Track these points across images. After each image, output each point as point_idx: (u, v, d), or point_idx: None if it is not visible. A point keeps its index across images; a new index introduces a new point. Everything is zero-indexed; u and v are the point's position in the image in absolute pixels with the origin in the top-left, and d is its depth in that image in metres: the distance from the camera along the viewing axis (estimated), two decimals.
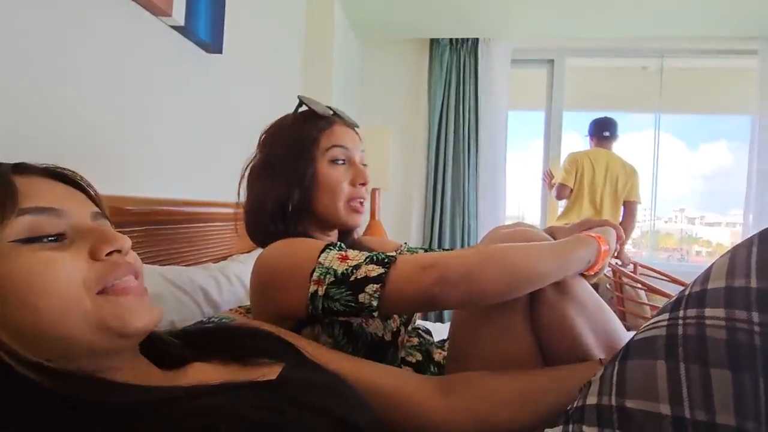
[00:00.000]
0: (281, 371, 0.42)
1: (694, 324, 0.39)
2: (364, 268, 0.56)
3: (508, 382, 0.54)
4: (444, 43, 2.73)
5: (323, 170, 0.71)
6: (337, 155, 0.72)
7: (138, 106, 0.90)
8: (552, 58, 2.85)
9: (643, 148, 2.89)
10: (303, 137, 0.71)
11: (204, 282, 0.82)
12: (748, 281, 0.38)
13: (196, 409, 0.33)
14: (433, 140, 2.74)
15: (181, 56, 1.05)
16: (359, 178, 0.73)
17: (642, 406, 0.39)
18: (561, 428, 0.45)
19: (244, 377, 0.39)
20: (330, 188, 0.71)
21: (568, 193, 2.51)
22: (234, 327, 0.50)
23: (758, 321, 0.36)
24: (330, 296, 0.56)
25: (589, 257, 0.61)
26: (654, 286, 1.91)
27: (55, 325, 0.31)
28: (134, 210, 0.80)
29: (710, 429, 0.36)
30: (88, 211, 0.39)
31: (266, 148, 0.73)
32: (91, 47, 0.77)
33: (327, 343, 0.64)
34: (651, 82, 2.95)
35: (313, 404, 0.37)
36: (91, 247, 0.35)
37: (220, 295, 0.83)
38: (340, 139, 0.73)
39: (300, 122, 0.73)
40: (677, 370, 0.38)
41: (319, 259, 0.58)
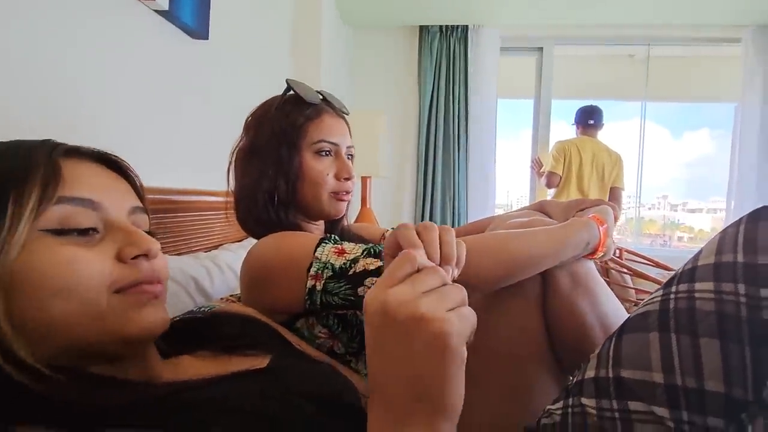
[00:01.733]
0: (270, 360, 0.42)
1: (685, 298, 0.41)
2: (362, 261, 0.56)
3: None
4: (434, 30, 2.71)
5: (308, 162, 0.69)
6: (323, 148, 0.70)
7: (121, 93, 0.88)
8: (541, 46, 2.85)
9: (628, 136, 2.93)
10: (289, 125, 0.69)
11: (195, 271, 0.81)
12: (735, 257, 0.40)
13: (189, 403, 0.32)
14: (423, 128, 2.73)
15: (166, 42, 1.02)
16: (344, 172, 0.71)
17: (637, 376, 0.41)
18: (562, 403, 0.47)
19: (234, 368, 0.39)
20: (314, 180, 0.69)
21: (557, 180, 2.55)
22: (221, 317, 0.50)
23: (744, 293, 0.38)
24: (329, 291, 0.56)
25: (589, 239, 0.62)
26: (638, 270, 1.97)
27: (67, 327, 0.31)
28: None
29: (700, 395, 0.38)
30: (128, 205, 0.38)
31: (252, 132, 0.71)
32: (71, 32, 0.74)
33: (322, 333, 0.64)
34: (637, 71, 2.98)
35: (304, 390, 0.38)
36: (119, 248, 0.34)
37: (212, 285, 0.83)
38: (327, 133, 0.70)
39: (287, 108, 0.70)
40: (669, 340, 0.40)
41: (315, 254, 0.57)
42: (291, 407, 0.35)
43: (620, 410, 0.42)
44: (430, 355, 0.28)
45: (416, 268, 0.32)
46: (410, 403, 0.29)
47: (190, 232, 1.02)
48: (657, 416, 0.40)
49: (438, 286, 0.31)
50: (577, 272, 0.62)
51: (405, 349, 0.29)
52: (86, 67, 0.78)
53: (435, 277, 0.31)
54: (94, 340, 0.32)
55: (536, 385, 0.62)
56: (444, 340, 0.28)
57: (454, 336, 0.28)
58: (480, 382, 0.63)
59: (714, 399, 0.38)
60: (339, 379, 0.45)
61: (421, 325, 0.28)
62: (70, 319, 0.31)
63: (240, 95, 1.36)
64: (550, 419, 0.48)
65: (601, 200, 0.72)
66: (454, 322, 0.29)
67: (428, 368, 0.28)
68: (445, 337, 0.28)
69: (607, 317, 0.61)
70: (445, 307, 0.29)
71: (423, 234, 0.39)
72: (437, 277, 0.32)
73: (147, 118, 0.96)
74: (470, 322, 0.31)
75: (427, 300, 0.29)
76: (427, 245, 0.38)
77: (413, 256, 0.32)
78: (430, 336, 0.28)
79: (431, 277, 0.31)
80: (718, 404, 0.38)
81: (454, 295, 0.31)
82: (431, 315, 0.28)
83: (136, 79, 0.91)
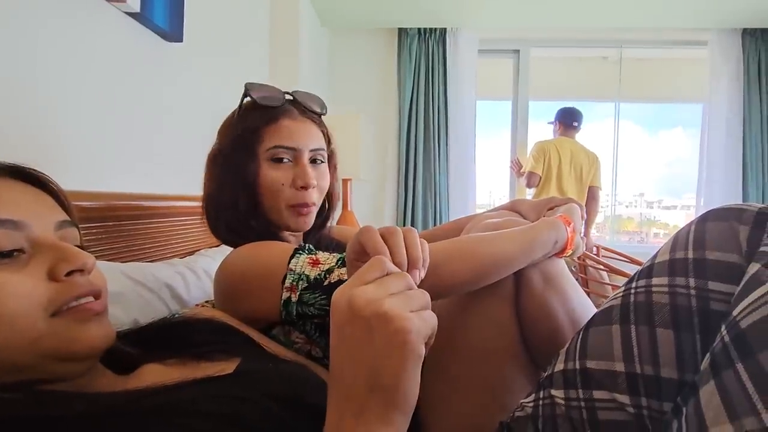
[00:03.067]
0: (238, 364, 0.42)
1: (643, 292, 0.45)
2: (336, 272, 0.56)
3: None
4: (412, 32, 2.73)
5: (264, 170, 0.66)
6: (280, 154, 0.66)
7: (92, 97, 0.86)
8: (517, 48, 2.90)
9: (603, 136, 3.00)
10: (246, 130, 0.66)
11: (169, 278, 0.79)
12: (686, 253, 0.44)
13: (147, 410, 0.32)
14: (403, 130, 2.75)
15: (138, 45, 1.00)
16: (299, 179, 0.66)
17: (601, 366, 0.44)
18: (533, 396, 0.50)
19: (200, 374, 0.39)
20: (270, 190, 0.66)
21: (537, 180, 2.59)
22: (189, 323, 0.49)
23: (694, 285, 0.42)
24: (304, 302, 0.56)
25: (557, 238, 0.63)
26: (615, 267, 2.02)
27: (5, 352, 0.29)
28: (90, 206, 0.76)
29: (656, 381, 0.41)
30: (54, 220, 0.36)
31: (218, 139, 0.70)
32: (39, 34, 0.72)
33: (299, 339, 0.64)
34: (611, 72, 3.06)
35: (272, 392, 0.38)
36: (50, 267, 0.32)
37: (187, 291, 0.81)
38: (286, 137, 0.66)
39: (247, 112, 0.68)
40: (629, 332, 0.44)
41: (289, 266, 0.57)
42: (254, 409, 0.35)
43: (585, 399, 0.44)
44: (390, 350, 0.29)
45: (385, 272, 0.33)
46: (367, 395, 0.30)
47: (165, 238, 1.00)
48: (619, 403, 0.42)
49: (404, 290, 0.32)
50: (549, 271, 0.63)
51: (366, 343, 0.30)
52: (49, 71, 0.76)
53: (401, 282, 0.33)
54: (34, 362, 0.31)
55: (511, 381, 0.63)
56: (403, 337, 0.29)
57: (413, 333, 0.29)
58: (456, 378, 0.64)
59: (669, 385, 0.41)
60: (310, 378, 0.45)
61: (383, 322, 0.29)
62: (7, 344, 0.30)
63: (216, 99, 1.35)
64: (523, 412, 0.50)
65: (570, 199, 0.73)
66: (414, 321, 0.30)
67: (386, 362, 0.29)
68: (404, 333, 0.29)
69: (577, 314, 0.63)
70: (408, 308, 0.30)
71: (388, 239, 0.39)
72: (404, 281, 0.33)
73: (119, 123, 0.94)
74: (430, 324, 0.32)
75: (391, 300, 0.30)
76: (393, 249, 0.38)
77: (383, 261, 0.33)
78: (390, 332, 0.29)
79: (398, 280, 0.33)
80: (673, 390, 0.41)
81: (417, 299, 0.32)
82: (394, 313, 0.29)
83: (106, 83, 0.89)
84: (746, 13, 2.57)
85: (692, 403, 0.36)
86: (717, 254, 0.42)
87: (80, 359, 0.33)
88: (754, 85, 2.70)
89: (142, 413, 0.31)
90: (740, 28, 2.70)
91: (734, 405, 0.32)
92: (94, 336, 0.33)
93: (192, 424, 0.31)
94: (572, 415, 0.45)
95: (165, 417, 0.31)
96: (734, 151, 2.71)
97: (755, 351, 0.33)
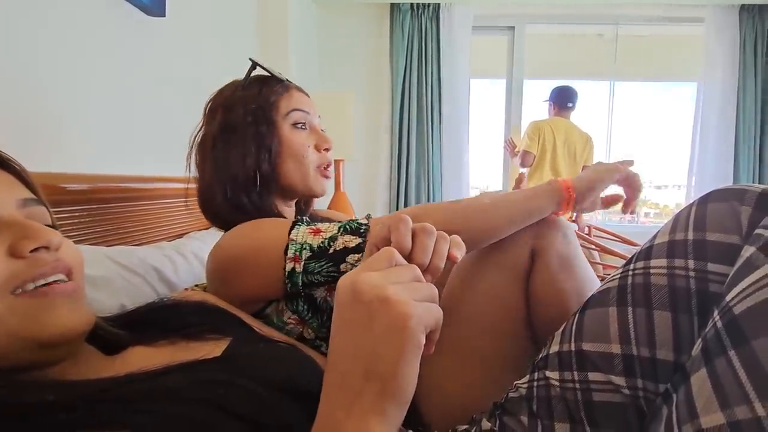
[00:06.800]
0: (227, 346, 0.41)
1: (642, 274, 0.44)
2: (340, 239, 0.56)
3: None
4: (405, 8, 2.65)
5: (287, 135, 0.68)
6: (299, 119, 0.69)
7: (72, 74, 0.82)
8: (512, 25, 2.84)
9: (598, 115, 2.98)
10: (263, 101, 0.67)
11: (157, 262, 0.78)
12: (686, 235, 0.43)
13: (131, 394, 0.31)
14: (396, 109, 2.70)
15: (119, 19, 0.96)
16: (324, 143, 0.71)
17: (597, 348, 0.44)
18: (528, 377, 0.50)
19: (189, 356, 0.38)
20: (297, 154, 0.68)
21: (531, 159, 2.58)
22: (179, 305, 0.48)
23: (693, 267, 0.41)
24: (310, 271, 0.56)
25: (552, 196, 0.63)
26: (606, 246, 2.04)
27: None
28: (74, 188, 0.74)
29: (652, 363, 0.41)
30: (15, 198, 0.34)
31: (219, 116, 0.68)
32: (15, 10, 0.68)
33: (291, 319, 0.63)
34: (606, 50, 3.01)
35: (259, 375, 0.37)
36: (10, 244, 0.31)
37: (176, 274, 0.80)
38: (298, 102, 0.70)
39: (256, 86, 0.69)
40: (626, 314, 0.43)
41: (290, 236, 0.57)
42: (240, 393, 0.34)
43: (581, 381, 0.44)
44: (389, 335, 0.28)
45: (393, 264, 0.32)
46: (362, 383, 0.29)
47: (153, 221, 0.98)
48: (614, 385, 0.42)
49: (410, 281, 0.32)
50: (566, 256, 0.63)
51: (366, 328, 0.29)
52: (24, 48, 0.72)
53: (409, 272, 0.32)
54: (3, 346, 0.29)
55: (511, 359, 0.64)
56: (404, 322, 0.28)
57: (414, 319, 0.28)
58: (454, 351, 0.64)
59: (665, 367, 0.41)
60: (301, 360, 0.45)
61: (385, 306, 0.29)
62: None
63: (202, 77, 1.30)
64: (517, 393, 0.50)
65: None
66: (417, 308, 0.29)
67: (385, 348, 0.28)
68: (405, 318, 0.28)
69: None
70: (412, 297, 0.30)
71: (419, 236, 0.36)
72: (411, 273, 0.32)
73: (99, 101, 0.90)
74: (434, 316, 0.31)
75: (396, 286, 0.30)
76: (418, 249, 0.36)
77: (393, 252, 0.33)
78: (391, 316, 0.28)
79: (406, 271, 0.32)
80: (669, 372, 0.40)
81: (423, 290, 0.31)
82: (396, 298, 0.29)
83: (85, 59, 0.85)
84: None
85: (683, 389, 0.36)
86: (717, 235, 0.41)
87: (53, 344, 0.31)
88: (750, 64, 2.68)
89: (122, 401, 0.30)
90: (738, 5, 2.66)
91: (726, 393, 0.32)
92: (65, 320, 0.31)
93: (176, 410, 0.30)
94: (567, 397, 0.45)
95: (147, 404, 0.30)
96: (726, 131, 2.70)
97: (749, 338, 0.32)
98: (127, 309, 0.49)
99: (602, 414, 0.43)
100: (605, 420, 0.43)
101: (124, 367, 0.37)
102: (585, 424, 0.43)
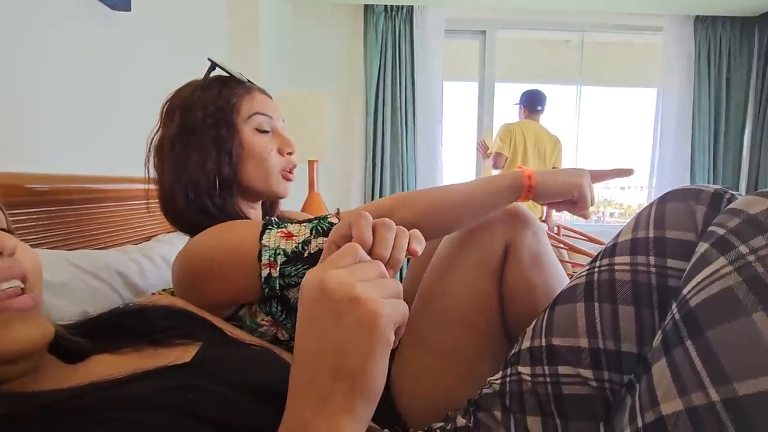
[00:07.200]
0: (197, 351, 0.40)
1: (607, 270, 0.46)
2: (314, 242, 0.57)
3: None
4: (379, 9, 2.66)
5: (248, 138, 0.67)
6: (261, 123, 0.68)
7: (33, 70, 0.78)
8: (484, 29, 2.90)
9: (565, 118, 3.09)
10: (223, 103, 0.66)
11: (122, 266, 0.75)
12: (647, 233, 0.45)
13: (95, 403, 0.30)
14: (370, 110, 2.71)
15: (82, 13, 0.92)
16: (287, 146, 0.70)
17: (566, 342, 0.46)
18: (501, 373, 0.51)
19: (156, 363, 0.37)
20: (259, 157, 0.67)
21: (503, 161, 2.64)
22: (145, 310, 0.47)
23: (654, 263, 0.44)
24: (287, 275, 0.56)
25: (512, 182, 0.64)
26: (574, 245, 2.13)
27: None
28: (33, 189, 0.70)
29: (617, 356, 0.43)
30: None
31: (178, 118, 0.66)
32: None
33: (265, 321, 0.62)
34: (573, 56, 3.12)
35: (231, 379, 0.36)
36: None
37: (144, 279, 0.77)
38: (262, 106, 0.69)
39: (216, 87, 0.67)
40: (593, 309, 0.45)
41: (262, 242, 0.56)
42: (210, 398, 0.33)
43: (551, 375, 0.46)
44: (358, 333, 0.28)
45: (357, 260, 0.32)
46: (330, 382, 0.29)
47: (118, 223, 0.95)
48: (582, 377, 0.44)
49: (376, 277, 0.32)
50: (538, 252, 0.65)
51: (334, 326, 0.29)
52: None
53: (374, 269, 0.32)
54: None
55: (485, 355, 0.65)
56: (374, 320, 0.28)
57: (384, 318, 0.29)
58: (431, 347, 0.65)
59: (629, 359, 0.43)
60: (274, 363, 0.44)
61: (354, 305, 0.28)
62: None
63: (169, 74, 1.26)
64: (491, 389, 0.51)
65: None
66: (385, 306, 0.29)
67: (354, 346, 0.28)
68: (375, 316, 0.28)
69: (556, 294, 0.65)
70: (380, 294, 0.30)
71: (379, 230, 0.37)
72: (376, 269, 0.32)
73: (62, 98, 0.86)
74: (401, 312, 0.31)
75: (364, 284, 0.30)
76: (379, 242, 0.36)
77: (357, 248, 0.33)
78: (360, 315, 0.28)
79: (371, 267, 0.32)
80: (633, 363, 0.42)
81: (389, 287, 0.32)
82: (365, 296, 0.29)
83: (46, 54, 0.81)
84: (699, 0, 2.68)
85: (645, 379, 0.37)
86: (676, 233, 0.44)
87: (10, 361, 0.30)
88: (704, 71, 2.85)
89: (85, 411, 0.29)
90: (693, 15, 2.82)
91: (684, 381, 0.34)
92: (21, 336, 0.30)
93: (143, 417, 0.29)
94: (538, 390, 0.46)
95: (112, 413, 0.29)
96: (684, 134, 2.86)
97: (703, 328, 0.34)
98: (89, 316, 0.47)
99: (571, 406, 0.44)
100: (574, 412, 0.44)
101: (88, 376, 0.35)
102: (555, 416, 0.45)
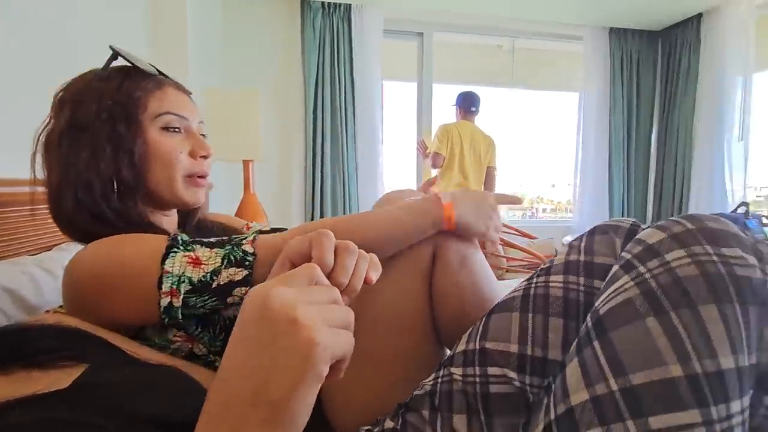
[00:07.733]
0: (80, 375, 0.35)
1: (543, 286, 0.52)
2: (224, 273, 0.51)
3: None
4: (316, 6, 2.62)
5: (154, 138, 0.59)
6: (171, 123, 0.60)
7: None
8: (421, 32, 2.96)
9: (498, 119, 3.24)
10: (124, 97, 0.58)
11: (12, 281, 0.65)
12: (578, 257, 0.53)
13: None
14: (309, 109, 2.65)
15: None
16: (201, 149, 0.62)
17: (497, 347, 0.50)
18: (434, 375, 0.54)
19: (26, 390, 0.32)
20: (165, 160, 0.60)
21: (441, 161, 2.71)
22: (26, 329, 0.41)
23: (583, 283, 0.51)
24: (191, 305, 0.51)
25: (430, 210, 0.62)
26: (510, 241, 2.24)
27: None
28: None
29: (543, 362, 0.48)
30: None
31: (67, 111, 0.58)
32: None
33: (177, 337, 0.57)
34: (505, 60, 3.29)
35: (118, 407, 0.33)
36: None
37: (38, 295, 0.68)
38: (174, 105, 0.61)
39: (118, 78, 0.59)
40: (527, 319, 0.50)
41: (164, 267, 0.50)
42: (80, 428, 0.29)
43: (481, 375, 0.49)
44: (290, 359, 0.26)
45: (314, 282, 0.31)
46: (248, 408, 0.26)
47: (9, 232, 0.83)
48: (508, 378, 0.48)
49: (326, 303, 0.30)
50: (466, 254, 0.65)
51: (266, 347, 0.27)
52: None
53: (327, 294, 0.31)
54: None
55: (417, 359, 0.64)
56: (308, 348, 0.26)
57: (320, 347, 0.27)
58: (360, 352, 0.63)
59: (552, 365, 0.48)
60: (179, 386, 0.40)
61: (291, 328, 0.26)
62: None
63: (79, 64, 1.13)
64: (422, 390, 0.53)
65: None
66: (324, 335, 0.27)
67: (282, 374, 0.26)
68: (310, 345, 0.26)
69: (486, 297, 0.66)
70: (324, 321, 0.28)
71: (341, 254, 0.35)
72: (329, 294, 0.31)
73: None
74: (344, 345, 0.29)
75: (308, 307, 0.28)
76: (340, 268, 0.34)
77: (313, 269, 0.31)
78: (296, 341, 0.26)
79: (324, 292, 0.31)
80: (555, 370, 0.47)
81: (338, 315, 0.30)
82: (304, 321, 0.27)
83: None
84: (613, 14, 2.94)
85: (559, 378, 0.42)
86: (602, 258, 0.52)
87: None
88: (618, 77, 3.15)
89: None
90: (608, 27, 3.08)
91: (590, 375, 0.39)
92: None
93: None
94: (467, 390, 0.49)
95: None
96: (602, 136, 3.14)
97: (608, 330, 0.40)
98: None
99: (496, 404, 0.48)
100: (498, 409, 0.47)
101: None
102: (480, 413, 0.48)
